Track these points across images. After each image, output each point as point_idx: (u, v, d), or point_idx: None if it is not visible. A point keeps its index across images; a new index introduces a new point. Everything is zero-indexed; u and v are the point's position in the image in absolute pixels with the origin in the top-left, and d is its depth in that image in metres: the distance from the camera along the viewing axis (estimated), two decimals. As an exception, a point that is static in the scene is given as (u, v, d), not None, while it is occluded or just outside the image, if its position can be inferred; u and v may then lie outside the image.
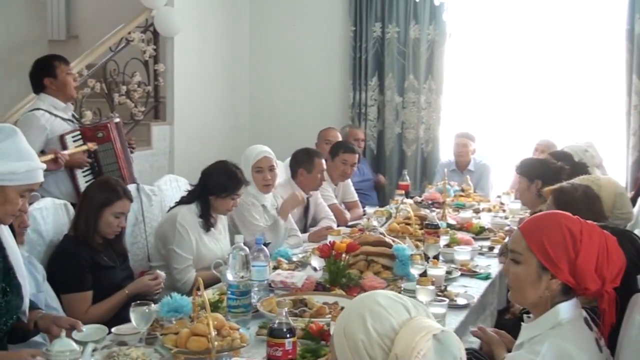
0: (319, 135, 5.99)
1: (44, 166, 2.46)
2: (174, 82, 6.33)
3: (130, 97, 5.88)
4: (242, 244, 2.84)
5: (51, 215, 3.39)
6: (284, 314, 2.23)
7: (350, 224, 4.98)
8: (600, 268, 1.88)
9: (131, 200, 3.43)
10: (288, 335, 2.20)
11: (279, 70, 7.39)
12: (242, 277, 2.79)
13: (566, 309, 1.91)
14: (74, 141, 4.20)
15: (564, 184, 3.19)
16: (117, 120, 4.49)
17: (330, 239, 3.80)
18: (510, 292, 2.04)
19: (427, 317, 1.48)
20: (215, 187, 3.76)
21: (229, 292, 2.83)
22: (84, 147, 4.16)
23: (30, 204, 2.98)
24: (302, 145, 5.10)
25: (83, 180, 4.21)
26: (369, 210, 5.24)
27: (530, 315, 2.01)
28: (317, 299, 2.94)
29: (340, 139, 5.82)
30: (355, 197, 5.58)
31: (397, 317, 1.45)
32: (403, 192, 5.57)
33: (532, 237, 1.93)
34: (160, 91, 6.31)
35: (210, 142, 6.70)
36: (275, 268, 3.53)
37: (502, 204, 5.47)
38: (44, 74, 4.19)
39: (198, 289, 2.55)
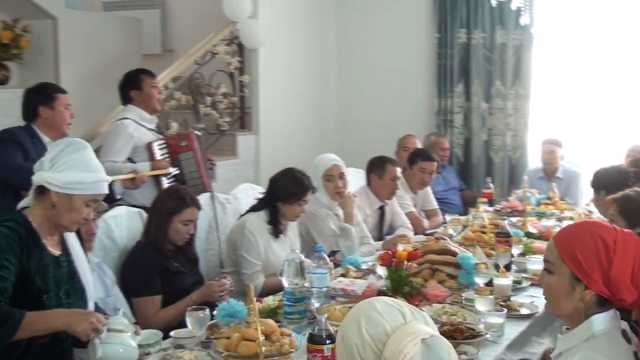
0: (398, 143, 5.98)
1: (110, 179, 2.62)
2: (259, 92, 6.47)
3: (216, 108, 6.06)
4: (297, 252, 2.90)
5: (125, 223, 3.55)
6: (324, 320, 2.26)
7: (428, 232, 4.95)
8: (637, 278, 1.81)
9: (199, 209, 3.53)
10: (327, 342, 2.22)
11: (365, 79, 7.42)
12: (297, 284, 2.84)
13: (600, 321, 1.85)
14: (160, 149, 4.34)
15: (629, 191, 3.06)
16: (198, 133, 4.64)
17: (399, 247, 3.80)
18: (546, 302, 2.00)
19: (424, 323, 1.48)
20: (283, 193, 3.83)
21: (285, 299, 2.89)
22: (162, 172, 4.24)
23: (98, 212, 3.13)
24: (389, 153, 5.15)
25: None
26: (449, 218, 5.19)
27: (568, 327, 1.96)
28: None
29: (418, 146, 5.78)
30: (435, 205, 5.53)
31: (392, 322, 1.46)
32: (486, 200, 5.49)
33: (565, 247, 1.88)
34: (245, 102, 6.47)
35: (296, 151, 6.80)
36: (343, 275, 3.57)
37: (589, 212, 5.29)
38: (131, 86, 4.38)
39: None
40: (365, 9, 7.35)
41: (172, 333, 2.72)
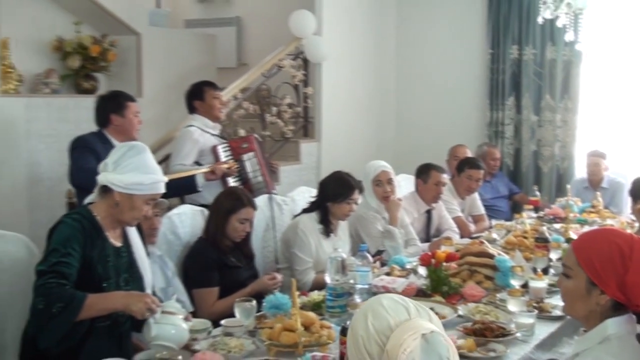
0: (449, 152, 5.91)
1: (166, 179, 2.66)
2: (321, 103, 6.49)
3: (281, 117, 6.11)
4: (339, 250, 2.89)
5: (189, 220, 3.61)
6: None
7: (473, 235, 4.86)
8: (653, 285, 1.74)
9: (255, 209, 3.56)
10: (358, 334, 2.21)
11: (421, 92, 7.36)
12: (337, 280, 2.83)
13: (615, 324, 1.78)
14: (224, 151, 4.41)
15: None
16: (257, 137, 4.71)
17: (442, 248, 3.75)
18: (564, 305, 1.94)
19: (428, 320, 1.45)
20: (331, 194, 3.85)
21: (327, 294, 2.88)
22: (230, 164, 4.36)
23: (160, 209, 3.19)
24: (442, 162, 5.09)
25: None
26: (494, 223, 5.08)
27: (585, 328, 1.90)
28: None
29: (468, 155, 5.70)
30: (482, 210, 5.43)
31: (396, 317, 1.44)
32: (532, 207, 5.36)
33: (582, 252, 1.82)
34: (309, 112, 6.50)
35: (355, 157, 6.76)
36: (387, 274, 3.55)
37: (632, 220, 5.10)
38: (195, 97, 4.46)
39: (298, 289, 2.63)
40: (423, 25, 7.30)
41: (222, 322, 2.75)
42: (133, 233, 2.72)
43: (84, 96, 5.52)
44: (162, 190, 2.63)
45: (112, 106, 3.95)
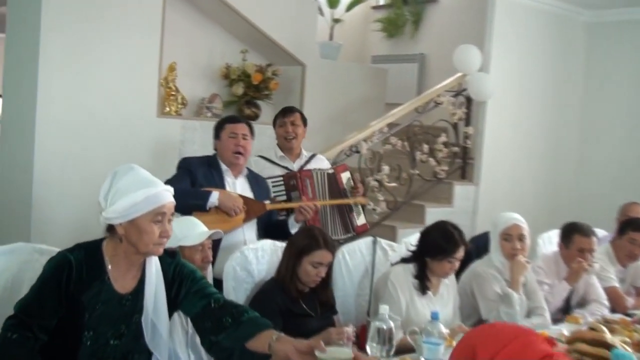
0: (620, 209, 4.85)
1: (167, 187, 2.18)
2: (482, 143, 5.76)
3: (434, 156, 5.49)
4: (385, 315, 2.27)
5: (267, 257, 3.17)
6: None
7: (630, 312, 3.85)
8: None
9: (332, 253, 3.03)
10: None
11: (611, 137, 6.27)
12: (375, 354, 2.21)
13: None
14: (274, 186, 3.81)
15: None
16: (329, 172, 3.97)
17: (561, 327, 2.93)
18: None
19: None
20: (431, 248, 3.18)
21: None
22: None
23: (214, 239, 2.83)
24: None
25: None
26: (662, 300, 4.01)
27: None
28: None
29: (641, 215, 4.62)
30: (648, 283, 4.33)
31: None
32: None
33: None
34: (468, 152, 5.79)
35: (520, 204, 5.90)
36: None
37: None
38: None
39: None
40: (614, 58, 6.22)
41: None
42: (154, 277, 2.21)
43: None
44: (164, 200, 2.13)
45: (214, 132, 3.67)
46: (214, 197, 3.34)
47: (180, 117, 5.18)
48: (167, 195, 2.16)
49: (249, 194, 3.56)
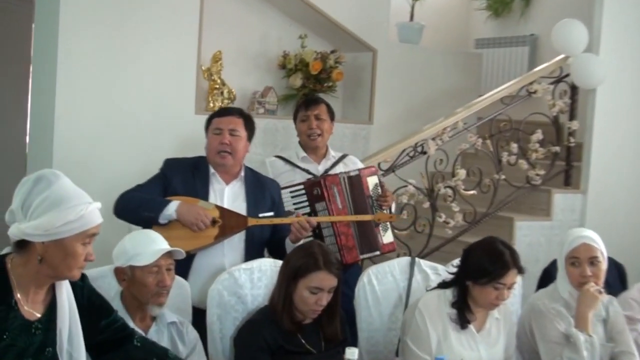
0: None
1: (99, 205, 1.85)
2: (591, 143, 4.62)
3: (527, 158, 4.44)
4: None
5: (266, 280, 2.49)
6: None
7: None
8: None
9: (336, 276, 2.33)
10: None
11: None
12: None
13: None
14: (292, 197, 3.09)
15: None
16: (352, 174, 3.15)
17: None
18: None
19: None
20: (474, 269, 2.43)
21: None
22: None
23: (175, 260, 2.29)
24: None
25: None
26: None
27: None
28: None
29: None
30: None
31: None
32: None
33: None
34: (572, 152, 4.68)
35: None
36: None
37: None
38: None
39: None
40: None
41: None
42: (65, 297, 1.88)
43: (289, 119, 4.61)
44: (98, 220, 1.83)
45: (205, 125, 2.97)
46: (171, 208, 2.65)
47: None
48: (97, 212, 1.86)
49: (241, 203, 2.82)
